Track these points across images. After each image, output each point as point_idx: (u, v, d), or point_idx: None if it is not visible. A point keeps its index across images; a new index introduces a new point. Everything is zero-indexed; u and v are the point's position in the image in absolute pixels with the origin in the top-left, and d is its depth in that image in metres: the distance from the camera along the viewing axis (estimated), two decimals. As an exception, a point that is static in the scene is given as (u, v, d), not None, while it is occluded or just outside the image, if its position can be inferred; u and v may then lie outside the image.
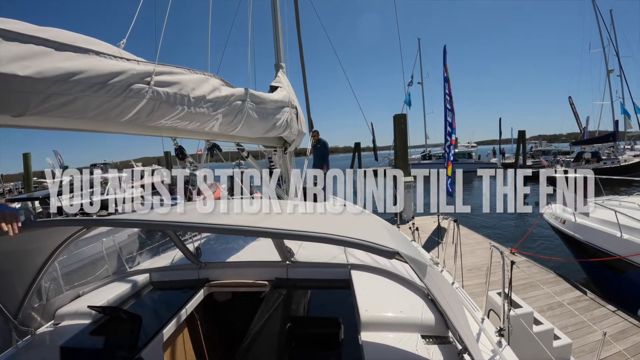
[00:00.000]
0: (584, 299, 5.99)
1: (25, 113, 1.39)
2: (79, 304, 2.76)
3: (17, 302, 2.30)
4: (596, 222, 6.94)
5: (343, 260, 3.15)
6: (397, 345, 2.02)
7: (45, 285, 2.93)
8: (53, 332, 2.52)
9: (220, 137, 2.93)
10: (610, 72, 34.07)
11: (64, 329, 2.52)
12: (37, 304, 2.57)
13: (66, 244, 2.38)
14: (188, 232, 3.82)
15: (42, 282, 2.44)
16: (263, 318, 2.53)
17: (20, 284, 2.28)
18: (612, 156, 29.15)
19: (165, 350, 2.52)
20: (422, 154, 43.77)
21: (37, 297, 2.55)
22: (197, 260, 3.31)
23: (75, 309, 2.69)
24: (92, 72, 1.49)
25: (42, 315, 2.59)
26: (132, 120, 1.81)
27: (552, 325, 4.23)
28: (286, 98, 3.51)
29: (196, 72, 2.15)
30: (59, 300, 2.78)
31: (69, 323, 2.58)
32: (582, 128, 38.83)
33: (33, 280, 2.32)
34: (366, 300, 2.42)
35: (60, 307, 2.74)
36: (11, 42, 1.27)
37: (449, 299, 1.81)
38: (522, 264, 7.64)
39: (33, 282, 2.32)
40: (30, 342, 2.39)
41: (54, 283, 3.62)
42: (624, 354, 4.32)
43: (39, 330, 2.51)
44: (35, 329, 2.48)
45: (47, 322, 2.62)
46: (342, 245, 1.46)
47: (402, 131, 13.56)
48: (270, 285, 3.04)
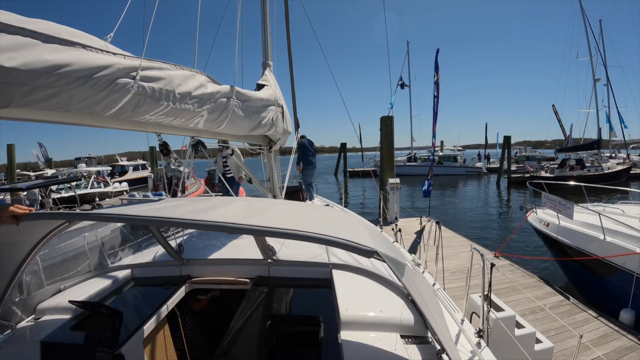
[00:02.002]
0: (566, 304, 6.12)
1: (9, 105, 1.39)
2: (60, 299, 2.74)
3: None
4: (579, 225, 7.08)
5: (325, 259, 3.19)
6: (376, 344, 2.05)
7: (26, 279, 2.90)
8: (34, 327, 2.49)
9: (205, 134, 2.94)
10: (597, 81, 34.71)
11: (45, 324, 2.49)
12: (18, 298, 2.55)
13: (48, 238, 2.35)
14: (171, 229, 3.82)
15: (23, 276, 2.39)
16: (244, 316, 2.54)
17: (0, 278, 2.24)
18: (596, 164, 29.82)
19: (146, 346, 2.51)
20: (407, 156, 44.13)
21: (17, 291, 2.52)
22: (180, 257, 3.31)
23: (56, 303, 2.67)
24: (78, 66, 1.50)
25: (23, 310, 2.56)
26: (117, 114, 1.82)
27: (534, 329, 4.33)
28: (272, 96, 3.53)
29: (182, 68, 2.16)
30: (39, 294, 2.75)
31: (49, 318, 2.56)
32: (567, 135, 39.52)
33: (14, 274, 2.28)
34: (346, 299, 2.46)
35: (41, 301, 2.71)
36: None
37: (426, 300, 1.86)
38: (505, 267, 7.78)
39: (14, 276, 2.28)
40: (10, 336, 2.36)
41: (35, 277, 3.58)
42: (613, 356, 4.43)
43: (20, 325, 2.49)
44: (15, 323, 2.46)
45: (28, 317, 2.59)
46: (322, 243, 1.49)
47: (389, 133, 13.68)
48: (251, 283, 3.06)
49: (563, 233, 7.40)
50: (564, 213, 7.13)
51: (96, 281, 3.09)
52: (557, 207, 7.36)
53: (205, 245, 3.84)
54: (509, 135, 31.05)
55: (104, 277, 3.18)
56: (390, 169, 13.49)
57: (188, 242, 3.76)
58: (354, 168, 42.57)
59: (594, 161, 30.58)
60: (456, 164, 40.20)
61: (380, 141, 14.31)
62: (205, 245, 3.87)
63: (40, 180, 17.70)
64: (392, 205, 12.36)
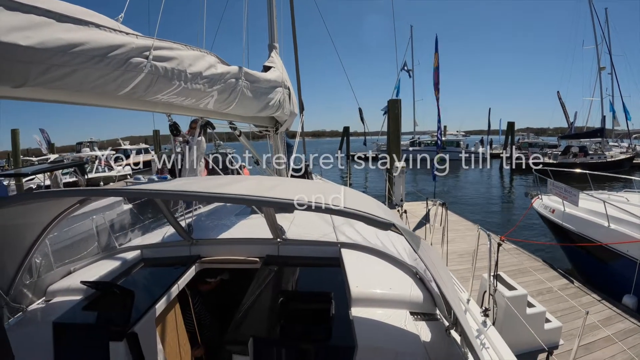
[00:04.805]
0: (571, 287, 6.22)
1: (25, 84, 1.40)
2: (70, 280, 2.77)
3: (9, 278, 2.29)
4: (585, 212, 7.10)
5: (333, 238, 3.22)
6: (386, 320, 2.10)
7: (36, 262, 2.92)
8: (45, 309, 2.52)
9: (214, 114, 2.94)
10: (602, 70, 34.41)
11: (56, 305, 2.52)
12: (29, 280, 2.56)
13: (58, 219, 2.37)
14: (180, 209, 3.84)
15: (33, 259, 2.43)
16: (254, 294, 2.57)
17: (11, 260, 2.27)
18: (599, 152, 29.66)
19: (158, 325, 2.54)
20: (410, 140, 43.98)
21: (28, 274, 2.54)
22: (189, 237, 3.33)
23: (67, 285, 2.70)
24: (93, 45, 1.50)
25: (34, 292, 2.59)
26: (130, 94, 1.82)
27: (544, 308, 4.39)
28: (279, 78, 3.52)
29: (193, 49, 2.16)
30: (50, 276, 2.78)
31: (60, 299, 2.59)
32: (570, 123, 39.25)
33: (25, 256, 2.31)
34: (356, 277, 2.49)
35: (52, 283, 2.74)
36: (13, 12, 1.27)
37: (441, 272, 1.87)
38: (511, 251, 7.83)
39: (25, 258, 2.31)
40: (22, 318, 2.39)
41: (45, 260, 3.61)
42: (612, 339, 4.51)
43: (31, 307, 2.51)
44: (26, 305, 2.49)
45: (39, 299, 2.62)
46: (339, 215, 1.49)
47: (396, 116, 13.63)
48: (261, 262, 3.09)
49: (568, 220, 7.42)
50: (570, 200, 7.14)
51: (106, 262, 3.12)
52: (562, 194, 7.37)
53: (215, 225, 3.86)
54: (513, 122, 30.92)
55: (114, 258, 3.21)
56: (397, 152, 13.45)
57: (197, 222, 3.78)
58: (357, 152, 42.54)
59: (597, 149, 30.42)
60: (458, 149, 40.04)
61: (387, 125, 14.24)
62: (215, 225, 3.88)
63: (45, 165, 17.71)
64: (398, 188, 12.37)
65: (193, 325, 3.07)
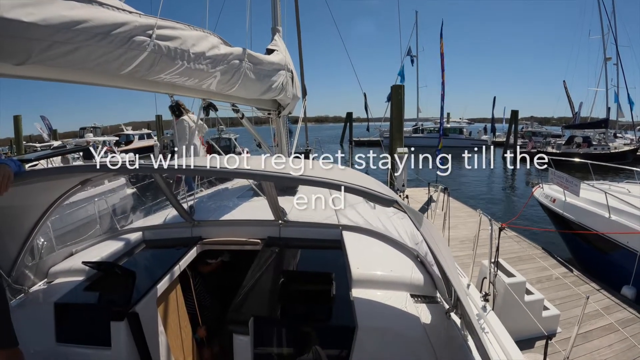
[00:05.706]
0: (570, 276, 6.25)
1: (27, 61, 1.38)
2: (72, 262, 2.78)
3: (11, 260, 2.30)
4: (585, 203, 7.10)
5: (335, 221, 3.23)
6: (387, 302, 2.11)
7: (38, 243, 2.93)
8: (47, 290, 2.54)
9: (216, 96, 2.92)
10: (608, 60, 33.90)
11: (58, 286, 2.54)
12: (31, 262, 2.58)
13: (60, 200, 2.38)
14: (182, 192, 3.85)
15: (35, 240, 2.43)
16: (255, 275, 2.58)
17: (13, 242, 2.27)
18: (603, 142, 29.43)
19: (159, 305, 2.56)
20: (413, 127, 43.72)
21: (30, 255, 2.55)
22: (191, 219, 3.34)
23: (69, 266, 2.72)
24: (96, 22, 1.48)
25: (36, 274, 2.60)
26: (132, 73, 1.81)
27: (543, 296, 4.42)
28: (283, 61, 3.49)
29: (196, 29, 2.14)
30: (51, 258, 2.80)
31: (62, 280, 2.61)
32: (575, 113, 38.94)
33: (27, 238, 2.32)
34: (357, 258, 2.50)
35: (54, 265, 2.76)
36: (15, -12, 1.26)
37: (443, 250, 1.88)
38: (512, 238, 7.85)
39: (27, 240, 2.32)
40: (24, 300, 2.41)
41: (47, 241, 3.63)
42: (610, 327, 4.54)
43: (33, 289, 2.53)
44: (28, 287, 2.50)
45: (41, 280, 2.64)
46: (347, 191, 1.46)
47: (399, 102, 13.51)
48: (262, 243, 3.10)
49: (569, 209, 7.43)
50: (571, 190, 7.12)
51: (107, 244, 3.14)
52: (563, 184, 7.35)
53: (217, 207, 3.87)
54: (517, 110, 30.67)
55: (115, 239, 3.22)
56: (400, 138, 13.39)
57: (199, 204, 3.78)
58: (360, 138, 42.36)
59: (601, 140, 30.18)
60: (461, 136, 39.87)
61: (390, 110, 14.15)
62: (217, 206, 3.89)
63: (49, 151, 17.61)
64: (400, 174, 12.35)
65: (194, 306, 3.09)
